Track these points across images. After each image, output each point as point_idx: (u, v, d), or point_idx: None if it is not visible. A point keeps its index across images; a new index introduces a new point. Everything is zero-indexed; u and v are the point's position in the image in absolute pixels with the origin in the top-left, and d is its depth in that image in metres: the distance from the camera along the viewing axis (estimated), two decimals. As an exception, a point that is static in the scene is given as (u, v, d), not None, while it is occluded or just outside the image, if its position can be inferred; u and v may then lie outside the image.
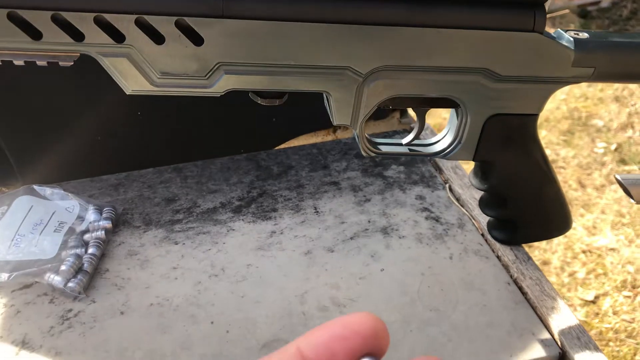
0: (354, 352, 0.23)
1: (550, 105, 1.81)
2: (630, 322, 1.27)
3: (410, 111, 0.77)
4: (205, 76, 0.42)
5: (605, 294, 1.32)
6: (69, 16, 0.38)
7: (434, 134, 0.69)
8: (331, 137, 0.73)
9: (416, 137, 0.51)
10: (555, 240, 1.40)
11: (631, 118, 1.75)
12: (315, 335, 0.23)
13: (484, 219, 0.60)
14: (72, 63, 0.41)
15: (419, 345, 0.49)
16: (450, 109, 0.52)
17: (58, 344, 0.49)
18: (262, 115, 0.69)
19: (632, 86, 1.83)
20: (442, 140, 0.52)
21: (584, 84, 1.84)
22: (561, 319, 0.51)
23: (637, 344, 1.23)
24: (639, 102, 1.79)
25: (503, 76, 0.47)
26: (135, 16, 0.39)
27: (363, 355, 0.23)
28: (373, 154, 0.50)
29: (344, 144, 0.71)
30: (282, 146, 0.72)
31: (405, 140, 0.52)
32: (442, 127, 1.58)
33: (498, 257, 0.57)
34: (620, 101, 1.81)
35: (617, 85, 1.82)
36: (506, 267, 0.56)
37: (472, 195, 0.63)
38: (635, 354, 1.21)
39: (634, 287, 1.33)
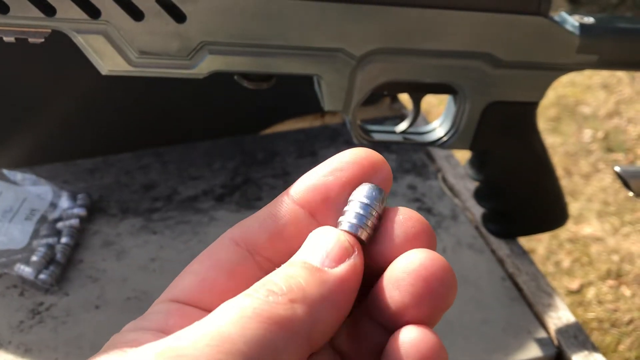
0: (351, 181, 0.22)
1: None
2: (614, 311, 1.26)
3: (402, 97, 0.74)
4: (188, 56, 0.39)
5: (589, 284, 1.31)
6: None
7: (426, 122, 0.67)
8: (319, 122, 0.70)
9: (411, 124, 0.49)
10: (541, 228, 1.39)
11: (618, 106, 1.74)
12: (305, 178, 0.22)
13: (477, 211, 0.58)
14: (43, 40, 0.37)
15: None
16: (444, 96, 0.49)
17: (28, 340, 0.46)
18: (247, 97, 0.66)
19: (620, 74, 1.81)
20: (438, 128, 0.49)
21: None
22: (558, 316, 0.49)
23: (621, 333, 1.22)
24: (627, 90, 1.79)
25: (505, 62, 0.44)
26: None
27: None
28: (366, 142, 0.47)
29: (332, 130, 0.68)
30: (268, 131, 0.69)
31: (399, 129, 0.49)
32: (429, 114, 1.56)
33: (492, 251, 0.55)
34: (607, 88, 1.80)
35: (605, 72, 1.81)
36: (501, 262, 0.54)
37: (466, 185, 0.61)
38: (618, 344, 1.21)
39: (618, 276, 1.33)
